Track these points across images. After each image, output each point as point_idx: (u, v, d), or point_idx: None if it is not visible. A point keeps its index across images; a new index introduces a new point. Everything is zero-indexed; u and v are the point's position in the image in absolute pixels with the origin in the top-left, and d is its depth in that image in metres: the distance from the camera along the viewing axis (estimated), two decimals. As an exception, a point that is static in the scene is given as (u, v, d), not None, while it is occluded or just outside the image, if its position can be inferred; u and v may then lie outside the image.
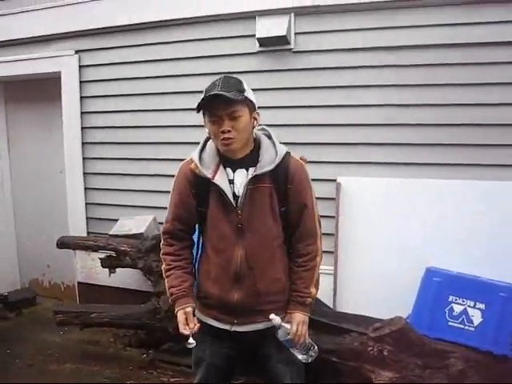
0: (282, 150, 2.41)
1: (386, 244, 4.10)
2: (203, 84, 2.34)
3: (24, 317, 5.75)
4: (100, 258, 4.88)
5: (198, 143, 2.48)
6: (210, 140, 2.43)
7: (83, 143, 5.51)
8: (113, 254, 4.80)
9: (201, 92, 2.31)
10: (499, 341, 3.38)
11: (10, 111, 6.25)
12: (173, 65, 4.96)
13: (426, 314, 3.56)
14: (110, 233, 4.98)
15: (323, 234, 2.63)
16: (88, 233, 5.58)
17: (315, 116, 4.46)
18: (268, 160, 2.36)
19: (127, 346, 4.79)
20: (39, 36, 5.52)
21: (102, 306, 4.62)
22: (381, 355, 3.32)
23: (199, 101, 2.27)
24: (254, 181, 2.34)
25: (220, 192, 2.35)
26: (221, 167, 2.38)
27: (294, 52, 4.46)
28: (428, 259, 3.78)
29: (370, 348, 3.35)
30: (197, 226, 2.57)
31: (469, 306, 3.48)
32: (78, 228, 5.58)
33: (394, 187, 4.14)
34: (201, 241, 2.58)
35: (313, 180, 2.53)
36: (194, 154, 2.43)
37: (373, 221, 4.17)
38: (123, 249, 4.68)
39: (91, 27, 5.26)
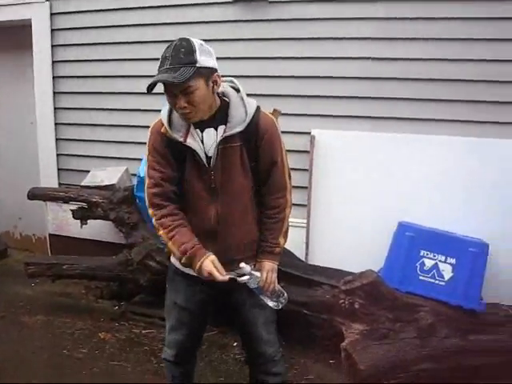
0: (252, 107, 2.36)
1: (359, 198, 4.10)
2: (178, 33, 2.27)
3: (-5, 269, 5.72)
4: (71, 210, 4.85)
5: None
6: None
7: (55, 93, 5.41)
8: (84, 205, 4.78)
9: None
10: (469, 295, 3.44)
11: (-21, 60, 6.09)
12: (146, 13, 4.84)
13: (398, 268, 3.59)
14: (82, 184, 4.94)
15: (296, 186, 2.65)
16: (59, 184, 5.53)
17: (291, 67, 4.39)
18: (238, 120, 2.32)
19: (99, 297, 4.79)
20: (9, -18, 5.37)
21: (73, 258, 4.62)
22: (352, 308, 3.34)
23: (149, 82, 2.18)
24: (225, 141, 2.32)
25: (193, 154, 2.32)
26: (191, 128, 2.33)
27: (271, 2, 4.36)
28: (401, 215, 3.80)
29: (342, 301, 3.36)
30: None
31: (440, 261, 3.53)
32: (49, 179, 5.52)
33: (371, 141, 4.13)
34: None
35: (287, 132, 2.53)
36: (162, 115, 2.38)
37: (347, 174, 4.15)
38: (95, 200, 4.65)
39: (62, -27, 5.12)
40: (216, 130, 2.33)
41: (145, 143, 2.56)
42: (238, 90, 2.42)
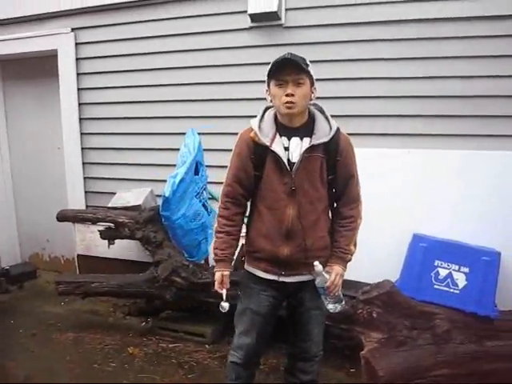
0: (335, 125, 2.68)
1: (375, 212, 4.15)
2: (197, 60, 2.47)
3: (25, 290, 5.86)
4: (99, 230, 4.98)
5: (190, 117, 2.63)
6: (269, 110, 2.75)
7: (80, 119, 5.61)
8: (112, 225, 4.91)
9: (196, 67, 2.45)
10: (483, 302, 3.51)
11: (8, 90, 6.31)
12: (167, 41, 4.99)
13: (413, 277, 3.68)
14: (109, 205, 5.08)
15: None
16: (86, 206, 5.70)
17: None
18: (323, 133, 2.65)
19: (127, 314, 4.89)
20: (34, 14, 5.61)
21: (102, 276, 4.72)
22: (370, 317, 3.45)
23: (270, 67, 2.54)
24: (310, 150, 2.63)
25: (276, 158, 2.63)
26: (277, 135, 2.67)
27: (285, 27, 4.54)
28: (416, 227, 3.90)
29: (360, 311, 3.48)
30: None
31: (454, 270, 3.61)
32: (76, 202, 5.70)
33: (386, 157, 4.24)
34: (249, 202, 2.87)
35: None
36: (253, 123, 2.70)
37: (365, 188, 4.24)
38: (121, 220, 4.77)
39: (87, 5, 5.35)
40: (301, 140, 2.64)
41: (167, 165, 2.77)
42: (322, 111, 2.73)
